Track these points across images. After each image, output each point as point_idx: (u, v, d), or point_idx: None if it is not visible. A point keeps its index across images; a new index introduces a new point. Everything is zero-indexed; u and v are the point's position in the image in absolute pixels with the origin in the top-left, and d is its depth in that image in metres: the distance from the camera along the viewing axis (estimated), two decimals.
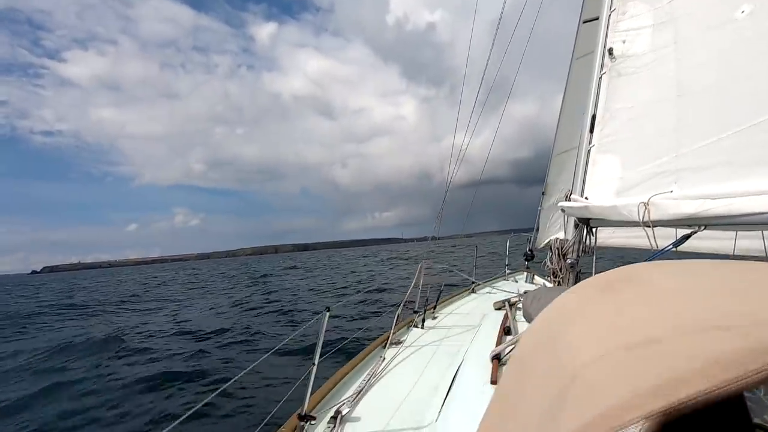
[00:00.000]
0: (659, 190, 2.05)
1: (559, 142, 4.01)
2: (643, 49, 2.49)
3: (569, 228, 2.68)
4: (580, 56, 3.60)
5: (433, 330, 3.12)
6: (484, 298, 4.06)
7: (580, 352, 0.48)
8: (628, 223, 2.00)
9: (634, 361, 0.42)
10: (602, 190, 2.48)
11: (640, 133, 2.40)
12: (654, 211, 1.79)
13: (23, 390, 5.33)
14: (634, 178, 2.33)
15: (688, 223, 1.71)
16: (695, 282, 0.56)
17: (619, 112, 2.53)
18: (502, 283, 4.73)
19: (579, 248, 2.59)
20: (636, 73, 2.50)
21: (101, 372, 5.81)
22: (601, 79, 2.63)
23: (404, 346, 2.79)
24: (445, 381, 2.16)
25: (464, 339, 2.75)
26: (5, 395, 5.12)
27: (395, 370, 2.40)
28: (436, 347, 2.72)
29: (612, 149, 2.53)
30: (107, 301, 17.19)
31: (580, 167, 2.62)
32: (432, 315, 3.48)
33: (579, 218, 2.53)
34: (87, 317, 12.53)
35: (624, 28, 2.61)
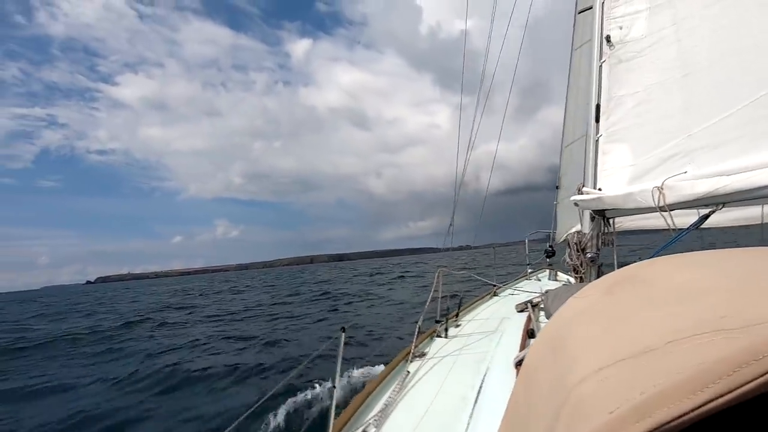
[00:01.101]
0: (674, 172, 1.99)
1: (567, 133, 3.96)
2: (641, 33, 2.45)
3: (585, 221, 2.61)
4: (579, 46, 3.57)
5: (456, 338, 3.07)
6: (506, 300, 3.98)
7: (578, 364, 0.46)
8: (644, 210, 1.95)
9: (625, 375, 0.40)
10: (615, 179, 2.42)
11: (648, 117, 2.34)
12: (669, 195, 1.73)
13: None
14: (646, 163, 2.27)
15: (705, 203, 1.65)
16: (701, 277, 0.53)
17: (623, 98, 2.49)
18: (524, 284, 4.64)
19: (598, 241, 2.52)
20: (637, 57, 2.46)
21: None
22: (601, 68, 2.60)
23: (428, 357, 2.74)
24: (472, 391, 2.12)
25: (488, 345, 2.69)
26: None
27: (420, 383, 2.35)
28: (460, 356, 2.67)
29: (621, 137, 2.48)
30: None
31: (590, 158, 2.57)
32: (455, 323, 3.43)
33: (594, 210, 2.47)
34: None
35: (619, 14, 2.58)
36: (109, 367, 7.35)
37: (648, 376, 0.37)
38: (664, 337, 0.41)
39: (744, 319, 0.38)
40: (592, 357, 0.45)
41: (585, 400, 0.40)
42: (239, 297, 22.48)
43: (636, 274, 0.62)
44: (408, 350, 2.78)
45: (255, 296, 21.72)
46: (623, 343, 0.44)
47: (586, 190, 2.44)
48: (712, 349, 0.36)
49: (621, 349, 0.43)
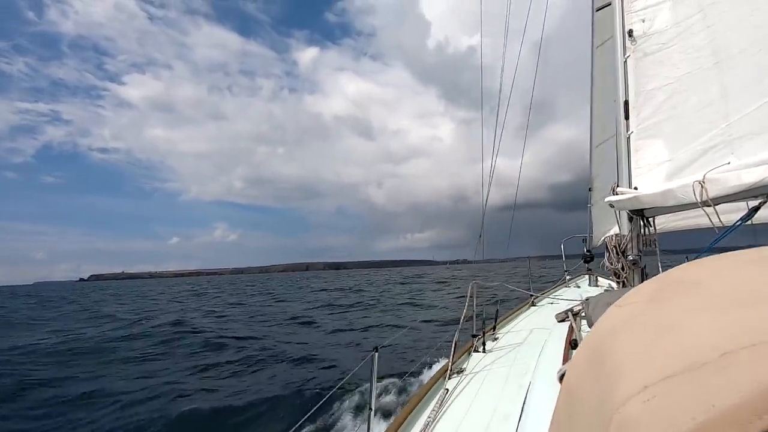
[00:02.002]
0: (715, 164, 1.86)
1: (595, 133, 3.82)
2: (665, 24, 2.36)
3: (623, 222, 2.49)
4: (600, 44, 3.47)
5: (495, 353, 2.97)
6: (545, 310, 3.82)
7: (622, 381, 0.41)
8: (686, 206, 1.83)
9: (675, 395, 0.36)
10: (651, 176, 2.30)
11: (683, 109, 2.23)
12: (712, 188, 1.62)
13: None
14: (684, 157, 2.14)
15: (754, 194, 1.53)
16: (759, 277, 0.48)
17: (653, 93, 2.38)
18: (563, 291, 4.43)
19: (639, 242, 2.38)
20: (663, 49, 2.37)
21: None
22: (626, 63, 2.51)
23: (466, 374, 2.65)
24: (516, 407, 2.02)
25: (529, 359, 2.58)
26: None
27: (460, 401, 2.27)
28: (500, 371, 2.57)
29: (654, 132, 2.36)
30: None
31: (623, 157, 2.46)
32: (492, 336, 3.32)
33: (631, 210, 2.35)
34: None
35: (640, 7, 2.51)
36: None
37: (701, 396, 0.33)
38: (718, 348, 0.37)
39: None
40: (637, 373, 0.41)
41: (630, 423, 0.37)
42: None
43: (683, 277, 0.56)
44: (445, 367, 2.70)
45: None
46: (671, 357, 0.40)
47: (620, 190, 2.33)
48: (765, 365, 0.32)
49: (669, 363, 0.39)
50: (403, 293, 22.47)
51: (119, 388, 6.08)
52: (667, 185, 1.99)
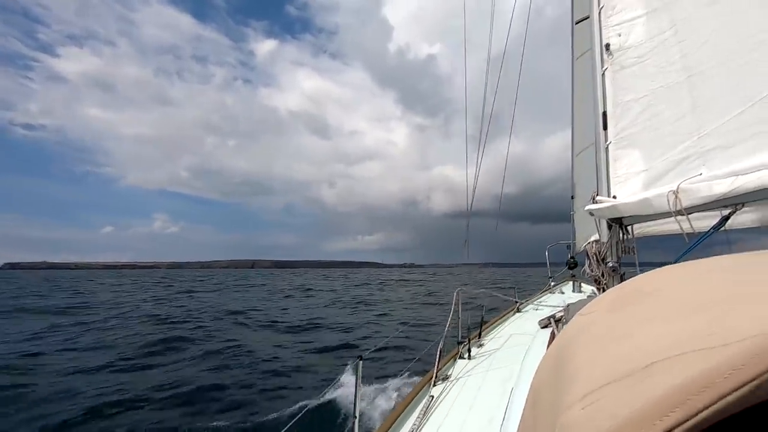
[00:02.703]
0: (688, 175, 1.93)
1: (576, 141, 3.92)
2: (640, 39, 2.45)
3: (602, 230, 2.55)
4: (579, 56, 3.57)
5: (480, 359, 2.99)
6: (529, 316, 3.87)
7: (571, 387, 0.45)
8: (661, 215, 1.89)
9: (608, 400, 0.39)
10: (629, 185, 2.37)
11: (657, 121, 2.31)
12: (685, 198, 1.68)
13: None
14: (660, 168, 2.22)
15: (724, 204, 1.59)
16: (702, 289, 0.52)
17: (630, 104, 2.46)
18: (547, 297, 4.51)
19: (618, 250, 2.44)
20: (639, 63, 2.45)
21: None
22: (604, 76, 2.59)
23: (451, 380, 2.67)
24: (499, 413, 2.05)
25: (513, 365, 2.61)
26: None
27: (445, 408, 2.29)
28: (485, 378, 2.59)
29: (631, 143, 2.44)
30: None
31: (602, 166, 2.53)
32: (477, 343, 3.35)
33: (610, 218, 2.41)
34: None
35: (616, 22, 2.59)
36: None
37: (625, 401, 0.36)
38: (649, 357, 0.40)
39: (726, 335, 0.37)
40: (584, 380, 0.44)
41: (570, 427, 0.40)
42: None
43: (641, 287, 0.61)
44: (431, 374, 2.71)
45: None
46: (612, 365, 0.43)
47: (599, 198, 2.40)
48: (687, 368, 0.35)
49: (609, 371, 0.42)
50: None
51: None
52: (643, 194, 2.05)
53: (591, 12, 2.72)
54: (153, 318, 13.29)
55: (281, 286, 34.86)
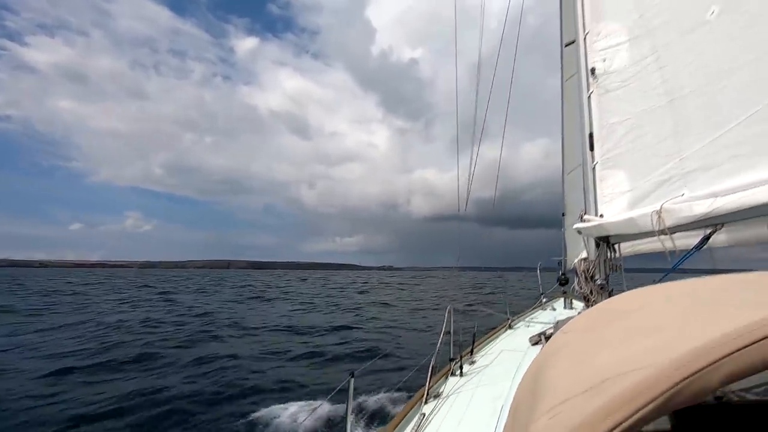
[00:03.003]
0: (671, 195, 2.00)
1: (566, 161, 4.01)
2: (624, 64, 2.55)
3: (591, 248, 2.60)
4: (568, 77, 3.70)
5: (472, 376, 2.99)
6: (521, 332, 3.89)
7: (541, 401, 0.50)
8: (645, 234, 1.94)
9: (568, 413, 0.44)
10: (615, 205, 2.44)
11: (641, 143, 2.39)
12: (668, 218, 1.74)
13: None
14: (644, 188, 2.29)
15: (705, 224, 1.65)
16: (665, 311, 0.59)
17: (615, 126, 2.55)
18: (538, 314, 4.53)
19: (605, 267, 2.49)
20: (623, 87, 2.55)
21: None
22: (590, 99, 2.68)
23: (443, 398, 2.66)
24: (490, 429, 2.05)
25: (505, 382, 2.61)
26: None
27: (437, 425, 2.28)
28: (477, 396, 2.59)
29: (617, 163, 2.52)
30: None
31: (589, 186, 2.60)
32: (469, 360, 3.34)
33: (597, 236, 2.47)
34: None
35: (602, 48, 2.69)
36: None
37: (579, 411, 0.42)
38: (604, 374, 0.46)
39: (653, 358, 0.44)
40: (551, 395, 0.49)
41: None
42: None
43: (617, 307, 0.67)
44: (422, 392, 2.70)
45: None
46: (575, 382, 0.49)
47: (587, 217, 2.45)
48: (622, 386, 0.42)
49: (572, 387, 0.48)
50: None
51: None
52: (628, 214, 2.11)
53: (577, 37, 2.83)
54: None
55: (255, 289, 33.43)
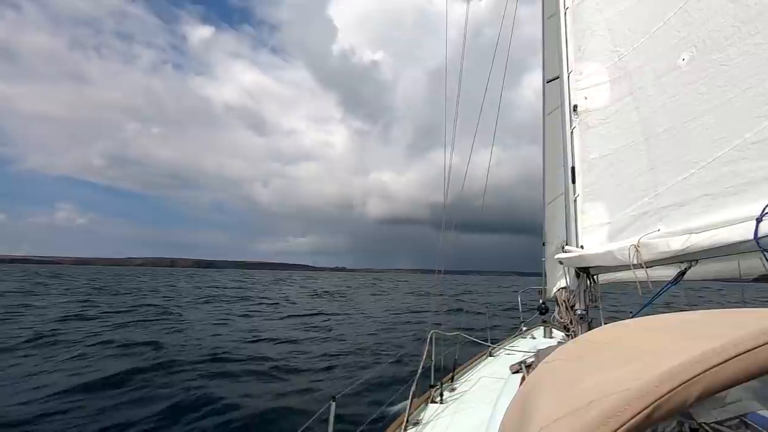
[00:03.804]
0: (648, 229, 2.08)
1: (548, 191, 4.13)
2: (604, 102, 2.68)
3: (571, 278, 2.65)
4: (550, 112, 3.85)
5: (451, 403, 2.95)
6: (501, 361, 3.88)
7: (530, 424, 0.54)
8: (624, 267, 2.00)
9: (557, 431, 0.49)
10: (595, 236, 2.51)
11: (619, 178, 2.49)
12: (645, 252, 1.80)
13: None
14: (622, 221, 2.36)
15: (679, 260, 1.71)
16: (642, 343, 0.64)
17: (595, 161, 2.65)
18: (519, 342, 4.54)
19: (585, 298, 2.53)
20: (603, 124, 2.67)
21: None
22: (572, 134, 2.80)
23: (423, 424, 2.62)
24: None
25: (485, 410, 2.59)
26: None
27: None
28: (456, 423, 2.55)
29: (597, 196, 2.60)
30: None
31: (571, 217, 2.68)
32: (449, 386, 3.31)
33: (578, 267, 2.52)
34: None
35: (584, 86, 2.83)
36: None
37: (568, 430, 0.47)
38: (591, 396, 0.51)
39: (645, 382, 0.48)
40: (539, 418, 0.54)
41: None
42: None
43: (597, 339, 0.73)
44: (402, 419, 2.66)
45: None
46: (563, 405, 0.53)
47: (568, 248, 2.51)
48: (610, 406, 0.46)
49: (560, 409, 0.52)
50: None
51: None
52: (607, 247, 2.17)
53: (561, 74, 2.97)
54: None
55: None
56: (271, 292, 31.18)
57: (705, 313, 0.71)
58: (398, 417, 2.71)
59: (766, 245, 1.26)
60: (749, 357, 0.47)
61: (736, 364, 0.47)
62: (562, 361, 0.71)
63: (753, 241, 1.28)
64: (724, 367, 0.47)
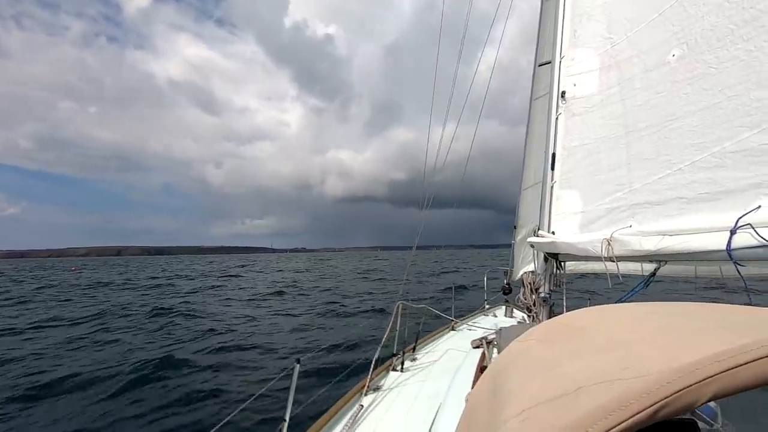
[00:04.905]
0: (618, 224, 2.14)
1: (526, 176, 4.17)
2: (591, 90, 2.67)
3: (539, 262, 2.73)
4: (538, 97, 3.83)
5: (412, 372, 3.06)
6: (463, 335, 4.03)
7: (508, 405, 0.51)
8: (594, 258, 2.06)
9: (542, 416, 0.46)
10: (567, 224, 2.56)
11: (596, 169, 2.52)
12: (617, 247, 1.85)
13: None
14: (594, 212, 2.42)
15: (649, 259, 1.78)
16: (621, 329, 0.63)
17: (575, 149, 2.67)
18: (481, 319, 4.73)
19: (550, 282, 2.62)
20: (588, 112, 2.67)
21: None
22: (557, 120, 2.79)
23: (383, 390, 2.72)
24: (425, 427, 2.11)
25: (443, 381, 2.69)
26: None
27: (373, 418, 2.33)
28: (415, 391, 2.66)
29: (573, 185, 2.64)
30: None
31: (546, 203, 2.72)
32: (411, 356, 3.42)
33: (547, 252, 2.58)
34: None
35: (574, 72, 2.80)
36: None
37: (556, 417, 0.45)
38: (576, 383, 0.49)
39: (637, 370, 0.47)
40: (519, 399, 0.52)
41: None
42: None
43: (570, 323, 0.72)
44: (363, 383, 2.75)
45: None
46: (545, 388, 0.51)
47: (541, 233, 2.56)
48: (607, 394, 0.44)
49: (543, 393, 0.50)
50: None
51: None
52: (580, 237, 2.22)
53: (553, 59, 2.92)
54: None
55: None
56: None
57: (675, 305, 0.71)
58: (359, 382, 2.80)
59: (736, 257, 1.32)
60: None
61: (759, 366, 0.44)
62: (537, 342, 0.70)
63: (725, 251, 1.33)
64: (746, 368, 0.44)
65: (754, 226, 1.30)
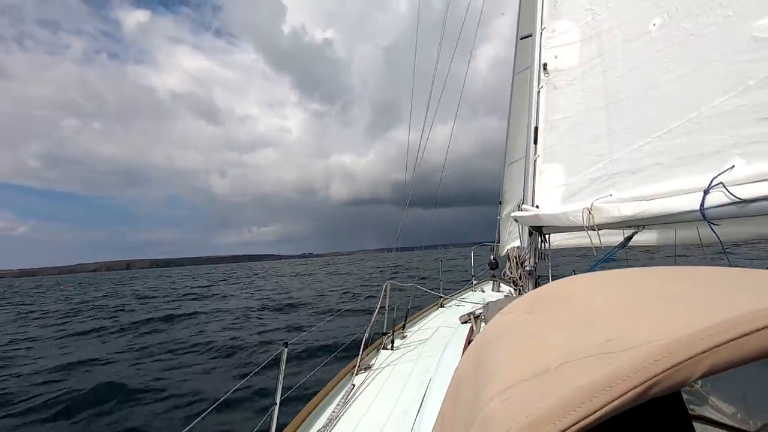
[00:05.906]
0: (600, 194, 2.16)
1: (509, 152, 4.18)
2: (572, 63, 2.66)
3: (524, 236, 2.76)
4: (520, 71, 3.80)
5: (402, 350, 3.10)
6: (451, 311, 4.09)
7: (491, 383, 0.49)
8: (576, 228, 2.08)
9: (524, 396, 0.43)
10: (550, 197, 2.59)
11: (578, 141, 2.53)
12: (597, 215, 1.87)
13: None
14: (577, 184, 2.44)
15: (628, 225, 1.81)
16: (605, 298, 0.60)
17: (557, 122, 2.67)
18: (469, 295, 4.80)
19: (535, 255, 2.66)
20: (569, 85, 2.66)
21: None
22: (539, 93, 2.78)
23: (374, 369, 2.75)
24: (415, 403, 2.15)
25: (433, 357, 2.74)
26: None
27: (365, 397, 2.35)
28: (405, 368, 2.70)
29: (555, 158, 2.65)
30: None
31: (529, 177, 2.73)
32: (401, 334, 3.46)
33: (531, 226, 2.61)
34: None
35: (555, 44, 2.78)
36: None
37: (539, 397, 0.41)
38: (559, 358, 0.46)
39: (623, 342, 0.43)
40: (503, 376, 0.49)
41: (489, 419, 0.43)
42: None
43: (558, 291, 0.69)
44: (354, 363, 2.77)
45: None
46: (529, 364, 0.48)
47: (525, 207, 2.58)
48: (591, 371, 0.41)
49: (526, 369, 0.47)
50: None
51: None
52: (562, 208, 2.24)
53: (534, 32, 2.89)
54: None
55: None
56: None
57: (653, 270, 0.69)
58: (350, 362, 2.82)
59: (710, 216, 1.34)
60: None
61: (759, 338, 0.39)
62: (521, 314, 0.67)
63: (698, 211, 1.36)
64: (745, 341, 0.39)
65: (727, 185, 1.33)
